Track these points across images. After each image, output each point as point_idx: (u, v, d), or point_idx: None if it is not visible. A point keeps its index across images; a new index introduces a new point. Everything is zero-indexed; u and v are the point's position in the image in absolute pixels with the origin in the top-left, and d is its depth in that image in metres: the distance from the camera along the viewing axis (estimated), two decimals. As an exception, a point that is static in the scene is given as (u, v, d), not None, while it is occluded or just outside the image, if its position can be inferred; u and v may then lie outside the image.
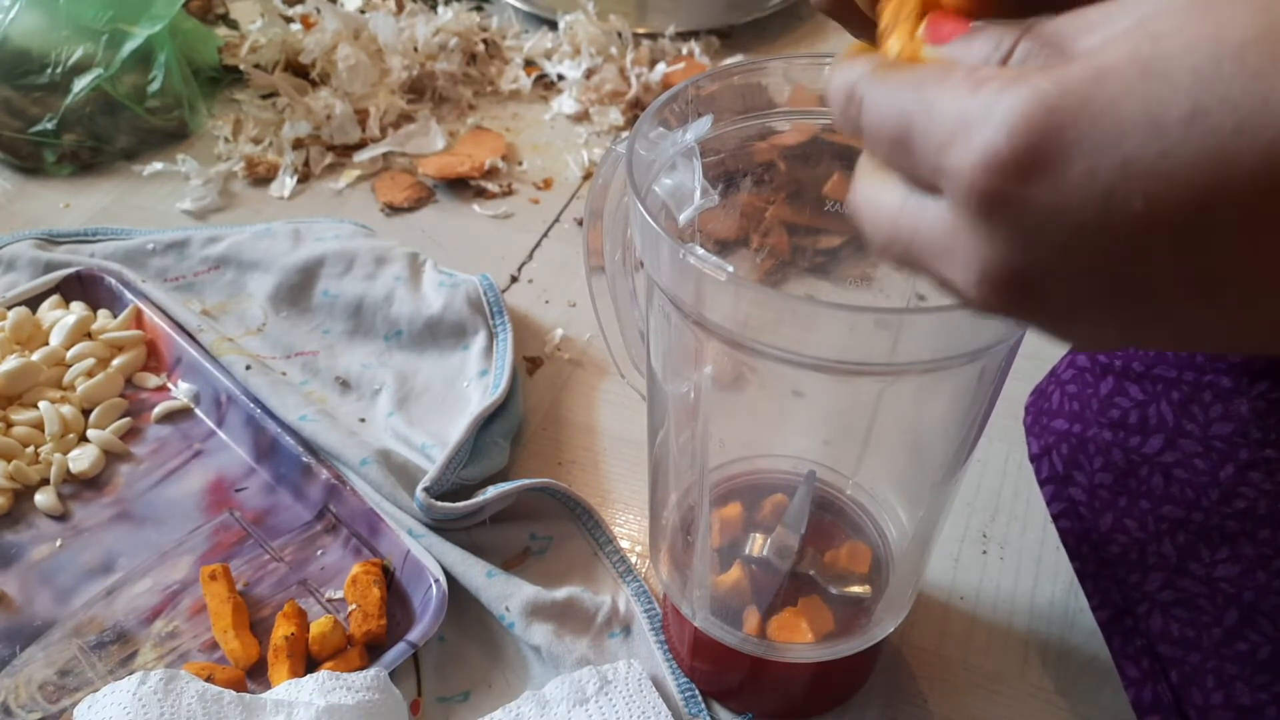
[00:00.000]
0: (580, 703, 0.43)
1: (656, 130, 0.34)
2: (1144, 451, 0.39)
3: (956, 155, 0.18)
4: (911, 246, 0.20)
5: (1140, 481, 0.40)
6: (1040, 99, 0.17)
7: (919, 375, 0.30)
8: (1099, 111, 0.16)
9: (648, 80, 0.83)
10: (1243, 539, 0.37)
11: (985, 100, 0.17)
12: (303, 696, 0.40)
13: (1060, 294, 0.18)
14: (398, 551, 0.48)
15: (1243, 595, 0.37)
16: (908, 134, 0.19)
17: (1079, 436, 0.42)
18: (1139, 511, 0.40)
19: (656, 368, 0.37)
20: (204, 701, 0.39)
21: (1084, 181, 0.16)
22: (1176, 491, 0.39)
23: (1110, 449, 0.41)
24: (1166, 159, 0.16)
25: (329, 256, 0.64)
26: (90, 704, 0.39)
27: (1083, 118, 0.16)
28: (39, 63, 0.74)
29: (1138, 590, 0.40)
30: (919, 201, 0.20)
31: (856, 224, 0.22)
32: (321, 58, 0.83)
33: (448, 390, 0.58)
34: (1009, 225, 0.18)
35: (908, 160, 0.20)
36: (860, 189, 0.22)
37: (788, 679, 0.43)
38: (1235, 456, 0.37)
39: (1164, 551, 0.39)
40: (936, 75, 0.19)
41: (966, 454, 0.37)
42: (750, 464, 0.44)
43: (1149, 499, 0.39)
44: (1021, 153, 0.17)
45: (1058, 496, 0.43)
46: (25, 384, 0.56)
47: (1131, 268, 0.17)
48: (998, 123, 0.17)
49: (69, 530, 0.51)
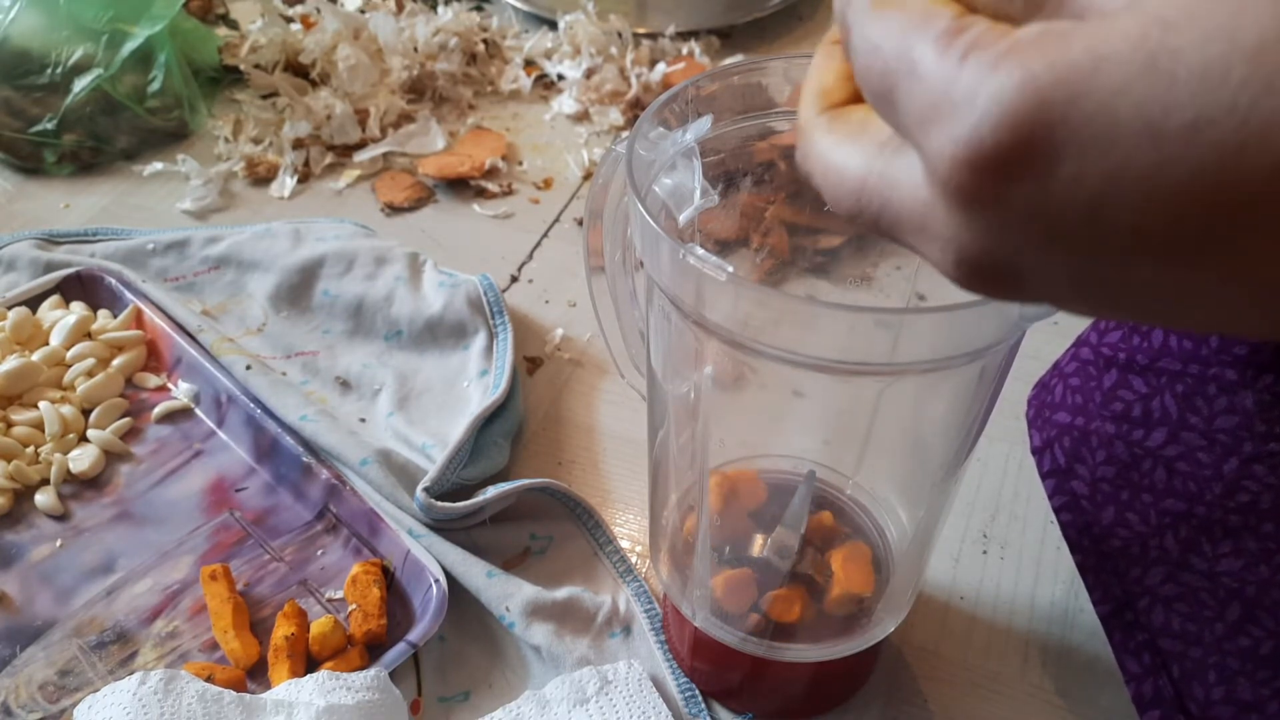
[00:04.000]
0: (580, 703, 0.43)
1: (656, 130, 0.34)
2: (1147, 445, 0.39)
3: (937, 139, 0.16)
4: (882, 218, 0.19)
5: (1143, 475, 0.39)
6: (1032, 88, 0.15)
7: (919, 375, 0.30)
8: (1094, 110, 0.15)
9: (648, 80, 0.83)
10: (1245, 533, 0.37)
11: (972, 77, 0.16)
12: (303, 696, 0.40)
13: (1040, 285, 0.17)
14: (398, 551, 0.48)
15: (1245, 590, 0.37)
16: (890, 93, 0.18)
17: (1081, 429, 0.41)
18: (1141, 505, 0.40)
19: (656, 368, 0.37)
20: (204, 702, 0.39)
21: (1070, 186, 0.15)
22: (1179, 485, 0.38)
23: (1113, 442, 0.40)
24: (1161, 173, 0.14)
25: (329, 256, 0.64)
26: (90, 704, 0.39)
27: (1075, 115, 0.15)
28: (39, 63, 0.74)
29: (1139, 584, 0.40)
30: (888, 168, 0.19)
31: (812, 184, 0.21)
32: (321, 58, 0.83)
33: (448, 390, 0.58)
34: (988, 219, 0.17)
35: (890, 116, 0.18)
36: (816, 149, 0.20)
37: (788, 679, 0.43)
38: (1239, 450, 0.36)
39: (1166, 545, 0.39)
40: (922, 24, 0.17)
41: (966, 454, 0.37)
42: (750, 464, 0.44)
43: (1151, 493, 0.39)
44: (1006, 149, 0.15)
45: (1060, 490, 0.43)
46: (25, 384, 0.56)
47: (1116, 274, 0.16)
48: (982, 112, 0.15)
49: (69, 530, 0.51)
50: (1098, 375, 0.41)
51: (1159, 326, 0.17)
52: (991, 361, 0.32)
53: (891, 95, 0.18)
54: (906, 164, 0.18)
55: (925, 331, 0.27)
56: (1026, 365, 0.52)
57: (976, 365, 0.32)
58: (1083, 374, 0.42)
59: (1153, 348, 0.39)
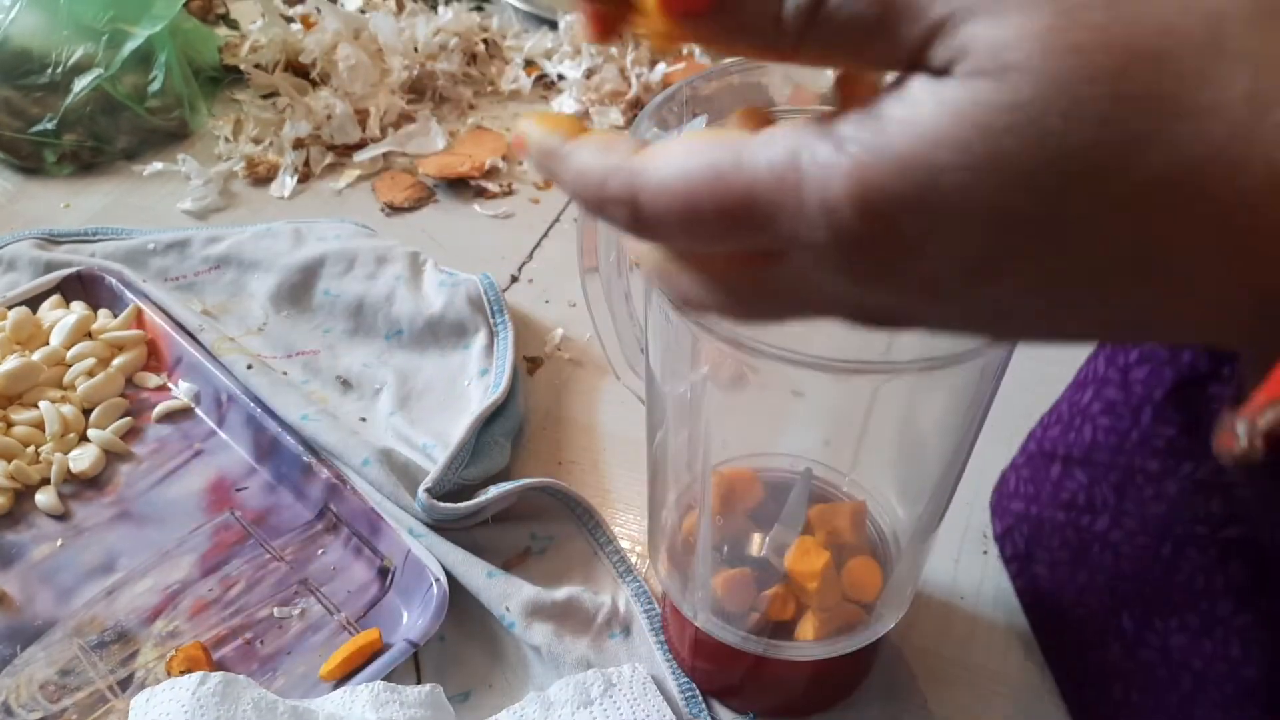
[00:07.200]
0: (585, 704, 0.43)
1: (653, 131, 0.33)
2: (1094, 530, 0.41)
3: (802, 241, 0.18)
4: None
5: (1094, 558, 0.41)
6: (876, 162, 0.17)
7: (919, 374, 0.30)
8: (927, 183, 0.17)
9: (648, 80, 0.83)
10: (1187, 610, 0.38)
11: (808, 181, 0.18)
12: (355, 709, 0.40)
13: (920, 320, 0.20)
14: (398, 551, 0.48)
15: (1192, 663, 0.38)
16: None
17: (1036, 518, 0.44)
18: (1096, 587, 0.42)
19: (655, 368, 0.37)
20: (259, 709, 0.39)
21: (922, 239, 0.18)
22: (1126, 567, 0.40)
23: (1064, 528, 0.43)
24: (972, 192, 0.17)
25: (330, 256, 0.64)
26: (149, 697, 0.39)
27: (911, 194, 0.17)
28: (39, 63, 0.74)
29: (1099, 663, 0.42)
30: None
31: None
32: (322, 58, 0.83)
33: (449, 389, 0.58)
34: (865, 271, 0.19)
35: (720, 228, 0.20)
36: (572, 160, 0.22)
37: (788, 677, 0.43)
38: (1170, 534, 0.38)
39: (1123, 625, 0.40)
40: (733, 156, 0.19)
41: (966, 453, 0.37)
42: (750, 463, 0.44)
43: (1103, 574, 0.41)
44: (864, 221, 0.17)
45: (1022, 574, 0.45)
46: (25, 384, 0.56)
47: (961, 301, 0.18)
48: (835, 199, 0.17)
49: (69, 530, 0.51)
50: (1045, 466, 0.44)
51: (1039, 344, 0.20)
52: (991, 360, 0.32)
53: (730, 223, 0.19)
54: None
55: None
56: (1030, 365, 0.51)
57: (976, 364, 0.32)
58: (1032, 466, 0.45)
59: (1084, 442, 0.41)
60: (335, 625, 0.47)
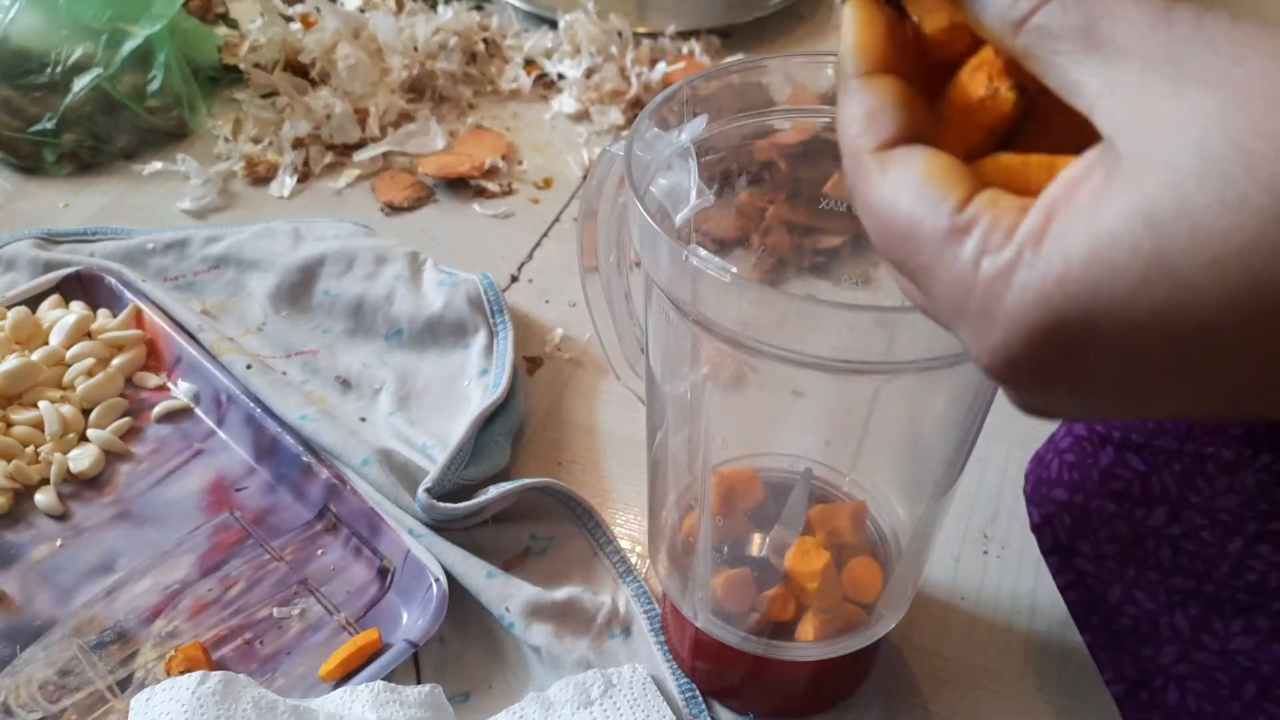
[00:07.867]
0: (585, 705, 0.43)
1: (653, 131, 0.33)
2: (1150, 524, 0.38)
3: (969, 342, 0.19)
4: (917, 276, 0.21)
5: (1148, 553, 0.39)
6: (1045, 310, 0.17)
7: (919, 373, 0.30)
8: (1106, 318, 0.17)
9: (648, 80, 0.83)
10: (1256, 611, 0.36)
11: (986, 291, 0.18)
12: (355, 709, 0.40)
13: (1062, 412, 0.20)
14: (398, 551, 0.48)
15: (1260, 668, 0.36)
16: (911, 274, 0.20)
17: (1081, 507, 0.41)
18: (1148, 583, 0.39)
19: (655, 368, 0.37)
20: (259, 708, 0.39)
21: (1094, 365, 0.18)
22: (1185, 563, 0.38)
23: (1114, 520, 0.40)
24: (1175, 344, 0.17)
25: (329, 256, 0.64)
26: (149, 696, 0.39)
27: (1092, 323, 0.17)
28: (39, 62, 0.74)
29: (1152, 663, 0.40)
30: (943, 248, 0.20)
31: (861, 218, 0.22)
32: (321, 57, 0.83)
33: (449, 389, 0.58)
34: (1020, 387, 0.19)
35: (913, 293, 0.21)
36: (869, 189, 0.21)
37: (788, 677, 0.43)
38: (1243, 529, 0.36)
39: (1177, 624, 0.39)
40: (927, 206, 0.19)
41: (967, 453, 0.37)
42: (750, 463, 0.44)
43: (1157, 570, 0.39)
44: (1035, 357, 0.18)
45: (1064, 568, 0.42)
46: (25, 384, 0.56)
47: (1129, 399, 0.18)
48: (1006, 332, 0.18)
49: (69, 530, 0.51)
50: (1094, 452, 0.40)
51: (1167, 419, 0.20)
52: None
53: (913, 277, 0.20)
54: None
55: (925, 330, 0.27)
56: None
57: (976, 364, 0.32)
58: (1078, 450, 0.41)
59: (1146, 425, 0.38)
60: (335, 625, 0.47)
